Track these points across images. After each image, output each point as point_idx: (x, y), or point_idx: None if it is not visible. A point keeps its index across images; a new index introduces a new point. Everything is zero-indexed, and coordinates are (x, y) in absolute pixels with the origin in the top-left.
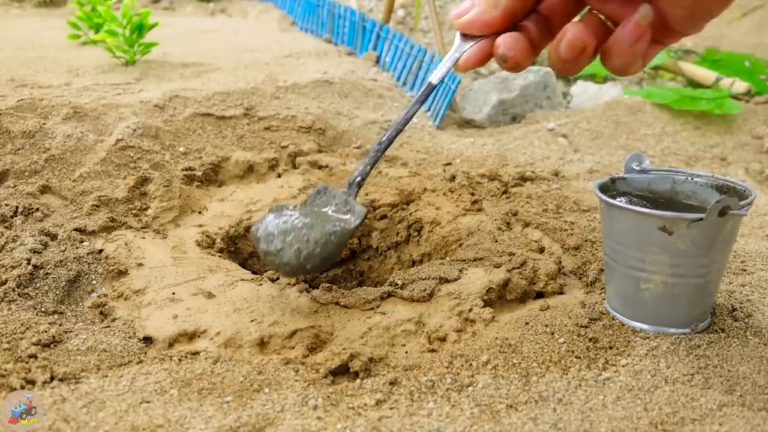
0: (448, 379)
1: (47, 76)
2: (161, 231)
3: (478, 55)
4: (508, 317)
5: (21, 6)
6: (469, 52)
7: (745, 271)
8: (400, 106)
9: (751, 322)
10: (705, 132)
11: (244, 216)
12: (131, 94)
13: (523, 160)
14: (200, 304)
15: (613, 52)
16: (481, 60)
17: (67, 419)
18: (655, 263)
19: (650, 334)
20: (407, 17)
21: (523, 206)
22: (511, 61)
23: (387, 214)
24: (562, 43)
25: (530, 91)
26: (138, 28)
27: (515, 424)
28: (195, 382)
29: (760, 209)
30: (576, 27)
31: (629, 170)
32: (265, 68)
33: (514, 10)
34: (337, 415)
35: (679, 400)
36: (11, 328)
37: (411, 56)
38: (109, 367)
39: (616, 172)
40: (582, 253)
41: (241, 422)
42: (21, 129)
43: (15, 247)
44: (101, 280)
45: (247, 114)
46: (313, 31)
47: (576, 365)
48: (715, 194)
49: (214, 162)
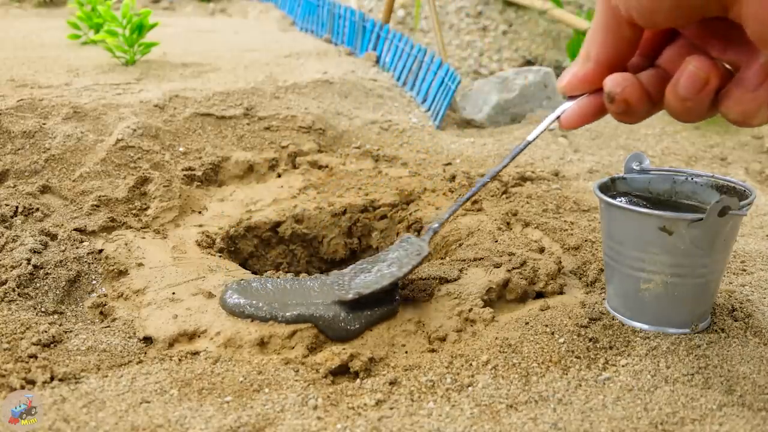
0: (448, 379)
1: (47, 76)
2: (161, 231)
3: (581, 112)
4: (508, 317)
5: (21, 6)
6: (570, 109)
7: (745, 271)
8: (399, 106)
9: (751, 322)
10: (705, 132)
11: (244, 216)
12: (131, 94)
13: (523, 160)
14: (200, 304)
15: (733, 97)
16: (585, 117)
17: (67, 419)
18: (655, 263)
19: (650, 334)
20: (407, 17)
21: (523, 206)
22: (620, 99)
23: (387, 214)
24: (682, 78)
25: (530, 91)
26: (138, 28)
27: (515, 424)
28: (195, 382)
29: (760, 209)
30: (699, 59)
31: (629, 170)
32: (265, 68)
33: (606, 61)
34: (337, 415)
35: (679, 400)
36: (11, 328)
37: (411, 56)
38: (109, 367)
39: (616, 172)
40: (582, 253)
41: (241, 422)
42: (21, 129)
43: (15, 247)
44: (101, 280)
45: (247, 114)
46: (313, 31)
47: (576, 365)
48: (715, 194)
49: (214, 162)
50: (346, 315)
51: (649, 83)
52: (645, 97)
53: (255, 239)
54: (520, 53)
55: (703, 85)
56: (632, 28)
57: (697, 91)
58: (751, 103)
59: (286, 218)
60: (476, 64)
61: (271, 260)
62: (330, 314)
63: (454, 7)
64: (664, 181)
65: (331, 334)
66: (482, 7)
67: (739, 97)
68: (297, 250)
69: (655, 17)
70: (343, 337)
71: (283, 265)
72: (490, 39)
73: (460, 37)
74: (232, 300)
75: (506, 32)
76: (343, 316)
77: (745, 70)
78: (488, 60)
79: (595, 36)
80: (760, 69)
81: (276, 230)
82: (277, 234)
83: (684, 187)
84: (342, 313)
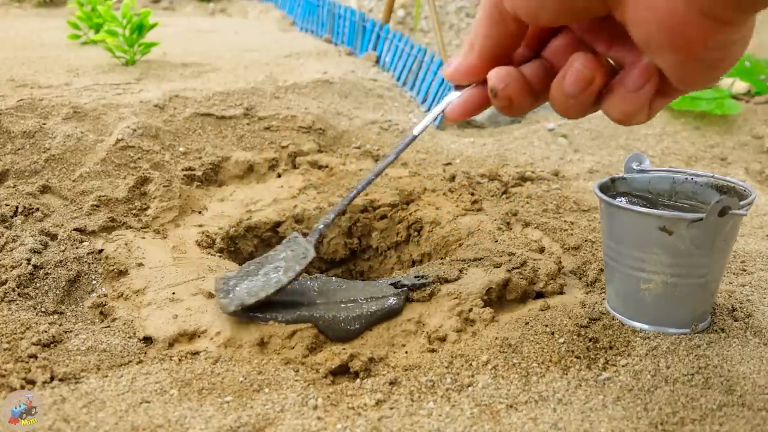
0: (448, 379)
1: (47, 76)
2: (161, 231)
3: (467, 103)
4: (508, 317)
5: (21, 6)
6: (456, 101)
7: (745, 271)
8: (399, 106)
9: (751, 322)
10: (705, 132)
11: (244, 216)
12: (131, 94)
13: (523, 160)
14: (200, 304)
15: (616, 96)
16: (471, 109)
17: (67, 419)
18: (655, 263)
19: (650, 334)
20: (407, 17)
21: (523, 206)
22: (502, 95)
23: (387, 214)
24: (567, 75)
25: None
26: (138, 28)
27: (515, 424)
28: (195, 382)
29: (760, 209)
30: (584, 57)
31: (629, 170)
32: (265, 68)
33: (491, 51)
34: (337, 415)
35: (679, 400)
36: (11, 328)
37: (411, 56)
38: (109, 367)
39: (616, 172)
40: (582, 253)
41: (241, 422)
42: (21, 129)
43: (15, 247)
44: (101, 280)
45: (247, 114)
46: (313, 31)
47: (576, 365)
48: (715, 194)
49: (214, 162)
50: (346, 316)
51: (533, 76)
52: (528, 92)
53: (255, 239)
54: None
55: (588, 83)
56: (517, 23)
57: (582, 90)
58: (632, 104)
59: (286, 218)
60: None
61: None
62: (330, 315)
63: (454, 7)
64: (664, 181)
65: (331, 334)
66: None
67: (622, 96)
68: None
69: (540, 15)
70: (342, 338)
71: None
72: None
73: (460, 37)
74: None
75: None
76: (343, 316)
77: (629, 70)
78: None
79: (480, 27)
80: (643, 70)
81: (276, 230)
82: (277, 234)
83: (684, 187)
84: (342, 314)
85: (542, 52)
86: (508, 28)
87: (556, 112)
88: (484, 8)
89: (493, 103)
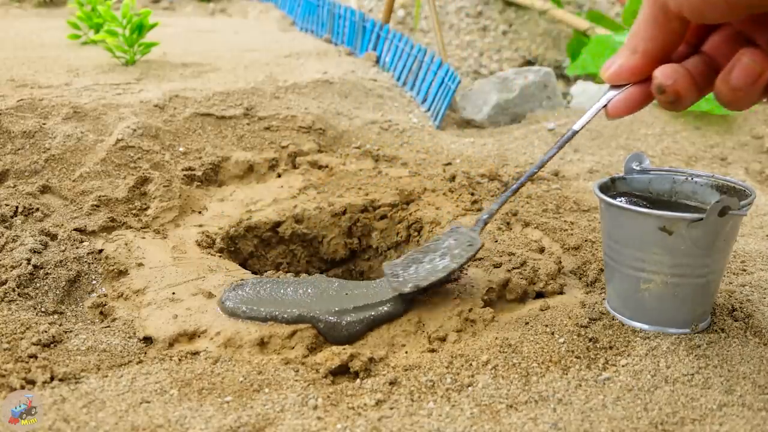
0: (448, 379)
1: (47, 76)
2: (161, 231)
3: (629, 101)
4: (508, 317)
5: (21, 6)
6: (617, 98)
7: (745, 271)
8: (399, 106)
9: (751, 322)
10: (705, 132)
11: (244, 216)
12: (131, 94)
13: (523, 160)
14: (200, 304)
15: None
16: (632, 106)
17: (67, 419)
18: (655, 263)
19: (650, 334)
20: (407, 17)
21: (523, 206)
22: (670, 91)
23: (387, 214)
24: (735, 70)
25: (530, 91)
26: (138, 28)
27: (515, 424)
28: (195, 382)
29: (760, 209)
30: (753, 51)
31: (629, 170)
32: (265, 68)
33: (654, 53)
34: (337, 415)
35: (679, 400)
36: (11, 328)
37: (411, 56)
38: (109, 367)
39: (616, 172)
40: (582, 253)
41: (241, 422)
42: (21, 129)
43: (15, 247)
44: (101, 280)
45: (247, 114)
46: (313, 31)
47: (576, 365)
48: (715, 194)
49: (214, 162)
50: (347, 318)
51: (696, 71)
52: (694, 87)
53: (255, 239)
54: (520, 53)
55: (757, 77)
56: (681, 21)
57: (751, 83)
58: None
59: (286, 218)
60: (476, 64)
61: (271, 260)
62: (331, 318)
63: (454, 7)
64: (664, 181)
65: (331, 338)
66: (482, 7)
67: None
68: (297, 250)
69: (707, 13)
70: (343, 341)
71: (283, 265)
72: (490, 39)
73: (460, 37)
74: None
75: (506, 32)
76: (343, 319)
77: None
78: (488, 60)
79: (643, 29)
80: None
81: (276, 230)
82: (277, 234)
83: (684, 187)
84: (342, 316)
85: (702, 47)
86: (672, 27)
87: (720, 104)
88: (647, 10)
89: (658, 99)
